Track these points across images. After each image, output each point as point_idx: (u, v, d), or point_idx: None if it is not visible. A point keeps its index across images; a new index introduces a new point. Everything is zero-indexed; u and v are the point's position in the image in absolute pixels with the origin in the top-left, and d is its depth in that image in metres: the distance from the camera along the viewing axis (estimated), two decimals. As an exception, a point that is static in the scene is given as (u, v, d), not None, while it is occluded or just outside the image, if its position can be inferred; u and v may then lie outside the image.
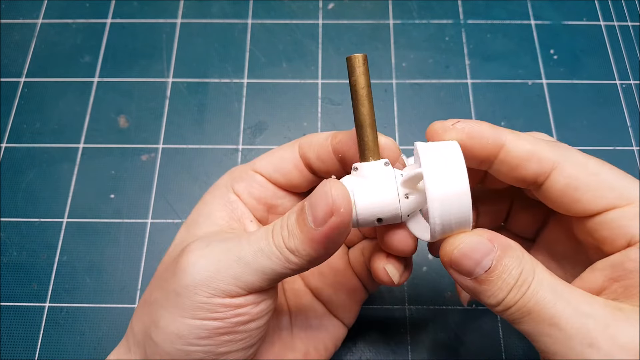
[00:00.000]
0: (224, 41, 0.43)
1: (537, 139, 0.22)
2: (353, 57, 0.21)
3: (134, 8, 0.45)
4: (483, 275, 0.20)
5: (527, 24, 0.44)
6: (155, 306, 0.22)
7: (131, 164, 0.39)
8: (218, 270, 0.20)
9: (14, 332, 0.33)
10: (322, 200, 0.19)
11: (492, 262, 0.20)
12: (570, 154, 0.21)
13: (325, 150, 0.24)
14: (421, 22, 0.44)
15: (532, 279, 0.19)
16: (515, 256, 0.20)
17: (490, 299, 0.20)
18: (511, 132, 0.22)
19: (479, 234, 0.20)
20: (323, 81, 0.42)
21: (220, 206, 0.25)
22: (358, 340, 0.33)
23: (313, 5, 0.45)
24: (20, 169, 0.39)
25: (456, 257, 0.20)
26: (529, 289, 0.19)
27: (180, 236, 0.25)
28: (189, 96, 0.41)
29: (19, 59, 0.43)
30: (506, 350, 0.33)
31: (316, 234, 0.20)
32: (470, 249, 0.20)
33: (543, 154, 0.21)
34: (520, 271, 0.19)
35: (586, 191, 0.20)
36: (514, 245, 0.20)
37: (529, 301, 0.19)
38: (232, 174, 0.26)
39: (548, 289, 0.19)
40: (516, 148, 0.21)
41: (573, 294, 0.19)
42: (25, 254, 0.36)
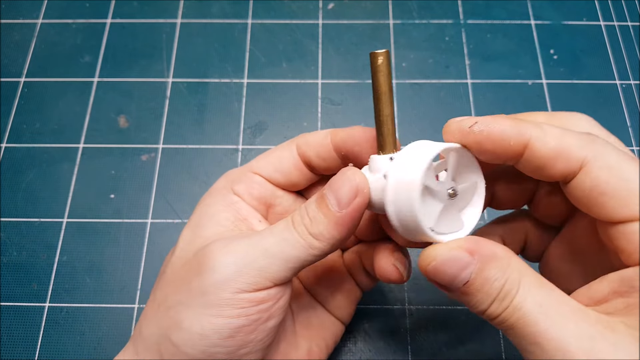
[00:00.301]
0: (224, 41, 0.43)
1: (567, 132, 0.20)
2: (373, 54, 0.21)
3: (134, 8, 0.45)
4: (462, 288, 0.19)
5: (527, 24, 0.44)
6: (177, 308, 0.22)
7: (131, 164, 0.39)
8: (245, 264, 0.21)
9: (14, 332, 0.33)
10: (346, 184, 0.21)
11: (471, 275, 0.19)
12: (603, 152, 0.19)
13: (326, 148, 0.25)
14: (421, 22, 0.44)
15: (515, 291, 0.19)
16: (499, 267, 0.19)
17: (473, 309, 0.20)
18: (536, 127, 0.20)
19: (457, 246, 0.20)
20: (323, 81, 0.42)
21: (223, 207, 0.25)
22: (358, 340, 0.33)
23: (313, 5, 0.45)
24: (20, 169, 0.39)
25: (431, 271, 0.20)
26: (512, 303, 0.18)
27: (186, 238, 0.25)
28: (189, 96, 0.41)
29: (19, 59, 0.43)
30: (506, 350, 0.33)
31: (340, 216, 0.21)
32: (445, 263, 0.19)
33: (571, 152, 0.19)
34: (503, 283, 0.19)
35: (612, 197, 0.19)
36: (500, 253, 0.19)
37: (511, 316, 0.18)
38: (228, 176, 0.26)
39: (532, 304, 0.18)
40: (541, 148, 0.20)
41: (560, 310, 0.18)
42: (25, 254, 0.36)
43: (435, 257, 0.20)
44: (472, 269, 0.19)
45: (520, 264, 0.19)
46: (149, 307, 0.24)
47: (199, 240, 0.24)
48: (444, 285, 0.20)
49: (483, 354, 0.33)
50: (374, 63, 0.21)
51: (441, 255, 0.20)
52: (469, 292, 0.19)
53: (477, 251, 0.19)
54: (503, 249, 0.20)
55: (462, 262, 0.19)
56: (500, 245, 0.20)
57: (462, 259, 0.19)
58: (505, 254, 0.19)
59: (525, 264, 0.20)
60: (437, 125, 0.40)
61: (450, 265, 0.19)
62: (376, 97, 0.22)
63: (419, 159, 0.20)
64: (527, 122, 0.20)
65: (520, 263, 0.19)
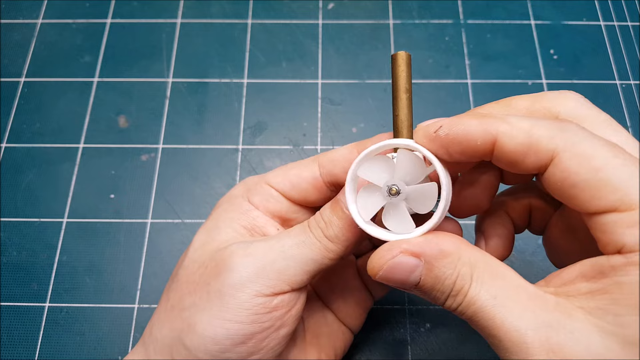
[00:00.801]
0: (224, 41, 0.43)
1: (536, 124, 0.19)
2: (394, 56, 0.22)
3: (134, 8, 0.45)
4: (415, 289, 0.19)
5: (527, 24, 0.44)
6: (192, 310, 0.22)
7: (131, 164, 0.39)
8: (264, 265, 0.22)
9: (14, 332, 0.33)
10: None
11: (420, 276, 0.19)
12: (575, 141, 0.18)
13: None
14: (421, 22, 0.44)
15: (468, 286, 0.18)
16: (448, 264, 0.19)
17: (434, 302, 0.20)
18: (503, 122, 0.19)
19: (401, 251, 0.19)
20: (323, 81, 0.42)
21: (239, 214, 0.25)
22: (358, 340, 0.33)
23: (313, 5, 0.45)
24: (20, 169, 0.39)
25: (380, 279, 0.20)
26: (465, 297, 0.18)
27: (201, 241, 0.25)
28: (189, 96, 0.41)
29: (19, 59, 0.43)
30: (506, 350, 0.33)
31: None
32: (390, 270, 0.19)
33: (540, 145, 0.18)
34: (454, 279, 0.19)
35: (582, 189, 0.18)
36: (448, 249, 0.19)
37: (467, 309, 0.18)
38: (246, 185, 0.26)
39: (486, 296, 0.18)
40: (509, 143, 0.19)
41: (517, 299, 0.18)
42: (25, 254, 0.36)
43: (381, 267, 0.19)
44: (419, 270, 0.19)
45: (472, 256, 0.19)
46: (161, 308, 0.24)
47: (215, 243, 0.24)
48: (397, 287, 0.20)
49: (483, 354, 0.33)
50: (395, 65, 0.22)
51: (386, 262, 0.19)
52: (423, 291, 0.19)
53: (422, 252, 0.19)
54: (452, 242, 0.19)
55: (408, 266, 0.19)
56: (450, 238, 0.19)
57: (408, 263, 0.19)
58: (454, 248, 0.19)
59: (479, 253, 0.19)
60: (437, 125, 0.40)
61: (398, 271, 0.19)
62: (395, 100, 0.22)
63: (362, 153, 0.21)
64: (493, 118, 0.19)
65: (472, 254, 0.19)
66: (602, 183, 0.17)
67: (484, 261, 0.19)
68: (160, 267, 0.35)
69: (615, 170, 0.17)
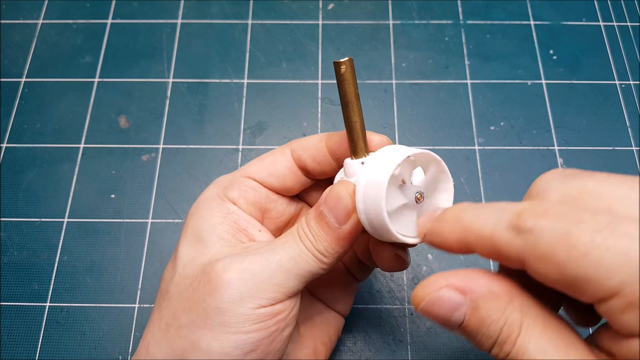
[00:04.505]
0: (224, 41, 0.44)
1: (496, 228, 0.17)
2: (336, 63, 0.22)
3: (134, 8, 0.45)
4: (459, 329, 0.18)
5: (526, 24, 0.44)
6: (190, 328, 0.22)
7: (132, 164, 0.39)
8: (263, 280, 0.21)
9: (15, 332, 0.33)
10: (341, 203, 0.22)
11: (465, 316, 0.18)
12: (535, 240, 0.16)
13: (321, 152, 0.25)
14: (421, 23, 0.44)
15: (516, 335, 0.17)
16: (496, 307, 0.17)
17: (479, 347, 0.18)
18: (469, 229, 0.18)
19: (447, 284, 0.18)
20: (323, 81, 0.42)
21: (221, 219, 0.24)
22: (358, 340, 0.33)
23: (313, 5, 0.45)
24: (21, 169, 0.39)
25: (422, 312, 0.19)
26: (513, 348, 0.17)
27: (187, 255, 0.24)
28: (189, 96, 0.41)
29: (20, 59, 0.43)
30: (506, 349, 0.33)
31: (341, 232, 0.22)
32: (434, 303, 0.18)
33: (507, 254, 0.17)
34: (502, 325, 0.17)
35: (564, 288, 0.16)
36: (497, 291, 0.17)
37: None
38: (219, 183, 0.26)
39: (536, 351, 0.16)
40: (481, 252, 0.18)
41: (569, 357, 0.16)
42: (25, 253, 0.36)
43: (424, 297, 0.18)
44: (464, 309, 0.18)
45: (523, 301, 0.17)
46: (155, 326, 0.23)
47: (204, 257, 0.23)
48: (441, 324, 0.19)
49: (483, 354, 0.33)
50: (338, 72, 0.22)
51: (430, 295, 0.18)
52: (466, 333, 0.18)
53: (469, 290, 0.18)
54: (502, 283, 0.18)
55: (452, 303, 0.18)
56: (500, 279, 0.18)
57: (451, 299, 0.18)
58: (504, 291, 0.18)
59: (530, 299, 0.18)
60: (437, 125, 0.40)
61: (440, 306, 0.18)
62: (344, 105, 0.22)
63: (387, 161, 0.21)
64: (463, 223, 0.18)
65: (523, 300, 0.18)
66: (573, 281, 0.15)
67: (535, 309, 0.17)
68: (161, 267, 0.35)
69: (578, 262, 0.15)
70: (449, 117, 0.40)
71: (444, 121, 0.40)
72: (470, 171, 0.38)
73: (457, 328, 0.18)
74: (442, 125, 0.40)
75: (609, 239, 0.15)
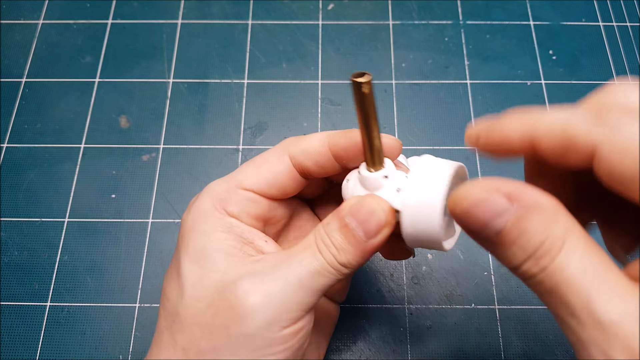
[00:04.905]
0: (225, 42, 0.44)
1: (573, 117, 0.17)
2: (356, 82, 0.21)
3: (134, 9, 0.45)
4: (494, 238, 0.17)
5: (526, 24, 0.44)
6: (213, 354, 0.21)
7: (132, 164, 0.39)
8: (286, 301, 0.21)
9: (15, 331, 0.34)
10: (374, 217, 0.21)
11: (506, 223, 0.17)
12: (614, 133, 0.16)
13: (325, 157, 0.24)
14: (421, 23, 0.44)
15: (557, 250, 0.16)
16: (542, 219, 0.16)
17: (505, 263, 0.17)
18: (539, 121, 0.18)
19: (495, 188, 0.17)
20: (323, 81, 0.42)
21: (225, 234, 0.23)
22: (358, 340, 0.33)
23: (313, 5, 0.45)
24: (22, 168, 0.39)
25: (460, 214, 0.18)
26: (552, 264, 0.16)
27: (195, 273, 0.23)
28: (190, 96, 0.41)
29: (20, 60, 0.43)
30: (506, 350, 0.33)
31: (369, 245, 0.22)
32: (477, 205, 0.17)
33: (578, 141, 0.17)
34: (544, 238, 0.16)
35: (632, 183, 0.16)
36: (545, 203, 0.17)
37: (550, 279, 0.16)
38: (214, 194, 0.24)
39: (576, 269, 0.15)
40: (545, 142, 0.17)
41: (606, 282, 0.15)
42: (26, 253, 0.36)
43: (467, 197, 0.17)
44: (508, 216, 0.16)
45: (568, 219, 0.17)
46: (169, 350, 0.22)
47: (214, 275, 0.22)
48: (472, 231, 0.18)
49: (483, 354, 0.33)
50: (359, 91, 0.21)
51: (473, 195, 0.17)
52: (502, 243, 0.17)
53: (518, 197, 0.17)
54: (550, 199, 0.17)
55: (497, 207, 0.17)
56: (548, 195, 0.17)
57: (497, 204, 0.17)
58: (551, 206, 0.17)
59: (574, 220, 0.17)
60: (437, 125, 0.40)
61: (483, 209, 0.17)
62: (365, 124, 0.22)
63: (435, 181, 0.21)
64: (530, 118, 0.18)
65: (568, 219, 0.17)
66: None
67: (580, 230, 0.16)
68: (161, 267, 0.35)
69: None
70: (449, 117, 0.40)
71: (444, 121, 0.40)
72: (470, 171, 0.38)
73: (493, 236, 0.17)
74: (441, 125, 0.40)
75: None
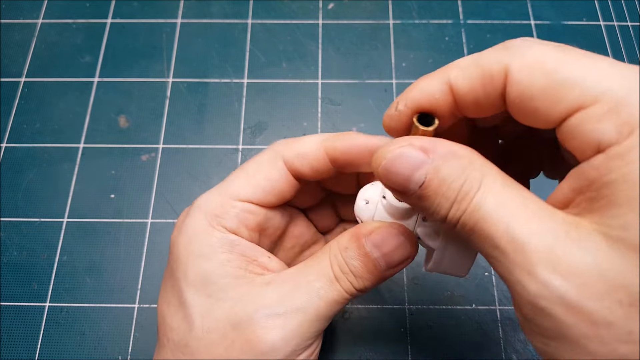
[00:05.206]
0: (224, 41, 0.43)
1: (480, 54, 0.18)
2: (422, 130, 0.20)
3: (134, 8, 0.45)
4: (418, 191, 0.17)
5: (526, 24, 0.44)
6: None
7: (131, 163, 0.39)
8: (303, 333, 0.21)
9: (14, 332, 0.33)
10: (400, 250, 0.22)
11: (426, 175, 0.17)
12: (522, 52, 0.17)
13: (322, 161, 0.24)
14: (421, 22, 0.44)
15: (475, 191, 0.16)
16: (457, 165, 0.17)
17: (434, 216, 0.18)
18: (452, 67, 0.18)
19: (409, 144, 0.18)
20: (323, 81, 0.42)
21: (227, 255, 0.23)
22: (358, 340, 0.33)
23: (313, 5, 0.45)
24: (21, 168, 0.39)
25: (382, 172, 0.18)
26: (470, 204, 0.16)
27: (203, 304, 0.22)
28: (189, 96, 0.41)
29: (19, 59, 0.43)
30: (506, 350, 0.33)
31: (388, 273, 0.22)
32: (395, 161, 0.18)
33: (492, 69, 0.17)
34: (462, 182, 0.17)
35: (542, 98, 0.16)
36: (460, 152, 0.17)
37: (470, 218, 0.16)
38: (207, 210, 0.23)
39: (493, 203, 0.16)
40: (462, 82, 0.18)
41: (524, 209, 0.16)
42: (25, 253, 0.36)
43: (385, 155, 0.18)
44: (426, 168, 0.17)
45: (484, 163, 0.17)
46: None
47: (224, 304, 0.22)
48: (399, 190, 0.18)
49: (483, 353, 0.33)
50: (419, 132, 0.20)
51: (391, 152, 0.18)
52: (426, 195, 0.17)
53: (433, 149, 0.17)
54: (465, 148, 0.18)
55: (414, 160, 0.17)
56: (462, 146, 0.18)
57: (414, 157, 0.17)
58: (466, 152, 0.17)
59: (491, 164, 0.18)
60: (437, 125, 0.40)
61: (402, 164, 0.18)
62: None
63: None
64: (442, 70, 0.19)
65: (484, 162, 0.17)
66: (559, 84, 0.16)
67: (496, 170, 0.17)
68: (161, 267, 0.35)
69: (569, 66, 0.16)
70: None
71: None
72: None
73: (417, 189, 0.18)
74: (442, 125, 0.40)
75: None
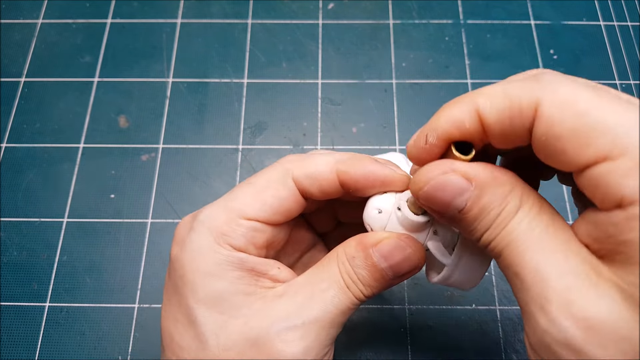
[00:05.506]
0: (224, 41, 0.43)
1: (509, 85, 0.17)
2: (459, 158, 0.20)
3: (134, 8, 0.45)
4: (457, 215, 0.18)
5: (526, 24, 0.44)
6: None
7: (131, 163, 0.39)
8: (321, 341, 0.21)
9: (14, 332, 0.33)
10: (408, 262, 0.22)
11: (467, 202, 0.17)
12: (554, 87, 0.16)
13: (333, 185, 0.23)
14: (421, 22, 0.44)
15: (511, 217, 0.17)
16: (499, 193, 0.17)
17: (469, 235, 0.18)
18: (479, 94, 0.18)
19: (452, 170, 0.18)
20: (323, 81, 0.42)
21: (237, 272, 0.22)
22: (358, 340, 0.33)
23: (313, 5, 0.45)
24: (21, 168, 0.39)
25: (422, 196, 0.18)
26: (505, 228, 0.17)
27: (213, 321, 0.22)
28: (189, 96, 0.41)
29: (19, 59, 0.43)
30: (506, 350, 0.33)
31: (395, 281, 0.22)
32: (438, 188, 0.18)
33: (522, 102, 0.17)
34: (501, 210, 0.17)
35: (569, 139, 0.15)
36: (502, 178, 0.18)
37: (502, 241, 0.17)
38: (212, 227, 0.23)
39: (525, 230, 0.16)
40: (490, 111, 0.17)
41: (552, 241, 0.16)
42: (25, 253, 0.36)
43: (428, 182, 0.18)
44: (468, 195, 0.17)
45: (524, 189, 0.17)
46: None
47: (238, 322, 0.21)
48: (437, 212, 0.19)
49: (483, 353, 0.33)
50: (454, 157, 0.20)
51: (434, 179, 0.18)
52: (465, 219, 0.18)
53: (476, 176, 0.18)
54: (506, 173, 0.18)
55: (457, 187, 0.18)
56: (504, 170, 0.18)
57: (457, 184, 0.18)
58: (508, 180, 0.17)
59: (530, 189, 0.18)
60: (437, 125, 0.40)
61: (444, 190, 0.18)
62: None
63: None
64: (469, 96, 0.18)
65: (524, 188, 0.18)
66: (590, 127, 0.15)
67: (535, 197, 0.17)
68: (161, 267, 0.35)
69: (601, 110, 0.15)
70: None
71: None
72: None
73: (456, 214, 0.18)
74: (442, 125, 0.40)
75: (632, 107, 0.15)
